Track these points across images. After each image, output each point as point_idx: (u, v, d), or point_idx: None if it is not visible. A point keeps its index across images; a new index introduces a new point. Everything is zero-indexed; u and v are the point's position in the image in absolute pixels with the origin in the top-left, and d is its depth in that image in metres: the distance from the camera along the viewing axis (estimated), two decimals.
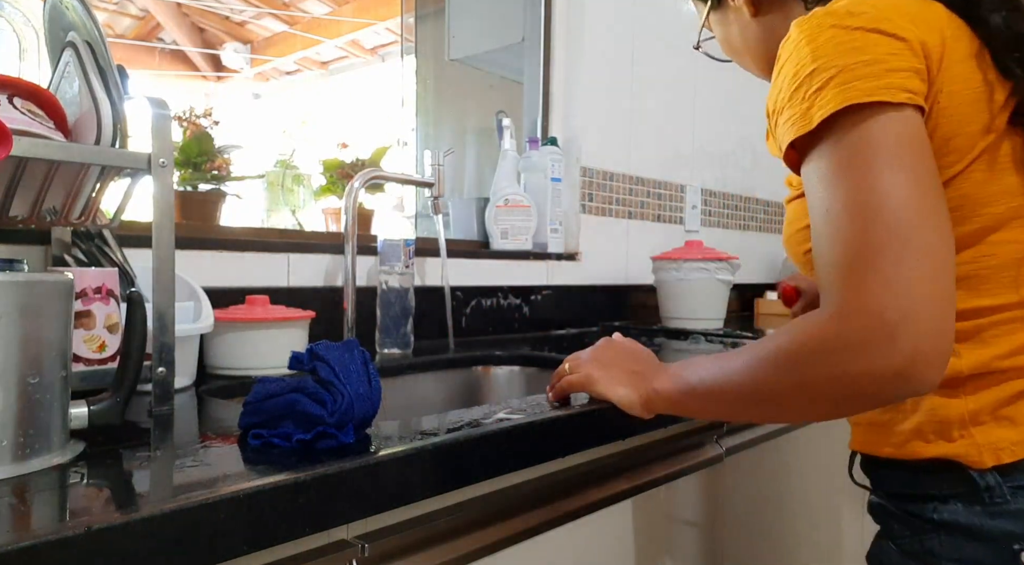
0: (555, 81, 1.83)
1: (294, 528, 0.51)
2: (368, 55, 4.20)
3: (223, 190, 1.24)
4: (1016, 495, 0.60)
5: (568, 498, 0.78)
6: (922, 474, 0.65)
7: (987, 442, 0.61)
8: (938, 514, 0.64)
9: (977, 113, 0.60)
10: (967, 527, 0.62)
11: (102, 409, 0.60)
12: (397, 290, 1.21)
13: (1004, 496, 0.60)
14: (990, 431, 0.62)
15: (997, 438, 0.61)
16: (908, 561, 0.66)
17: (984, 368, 0.62)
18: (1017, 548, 0.59)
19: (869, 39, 0.57)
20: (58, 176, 0.69)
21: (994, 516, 0.61)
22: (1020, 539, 0.59)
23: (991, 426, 0.62)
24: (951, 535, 0.63)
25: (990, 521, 0.61)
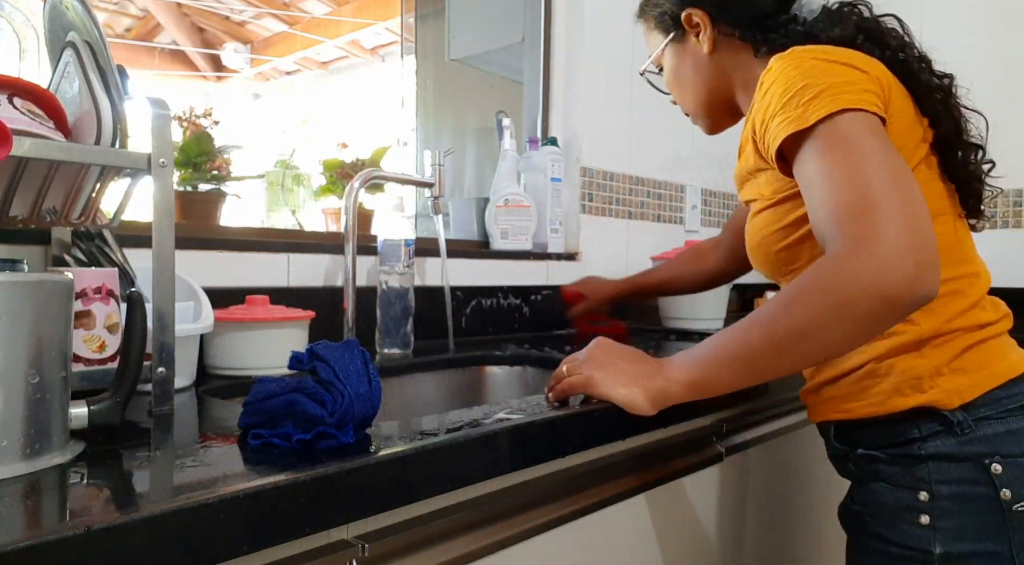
0: (555, 81, 1.84)
1: (294, 528, 0.51)
2: (368, 55, 4.19)
3: (223, 190, 1.24)
4: (979, 425, 0.77)
5: (568, 498, 0.78)
6: (901, 423, 0.81)
7: (951, 388, 0.78)
8: (923, 449, 0.79)
9: (912, 135, 0.79)
10: (949, 454, 0.78)
11: (102, 409, 0.60)
12: (397, 290, 1.21)
13: (970, 427, 0.78)
14: (951, 380, 0.79)
15: (957, 384, 0.78)
16: (901, 491, 0.80)
17: (936, 331, 0.79)
18: (987, 462, 0.76)
19: (843, 69, 0.75)
20: (58, 176, 0.69)
21: (965, 443, 0.77)
22: (989, 455, 0.76)
23: (950, 376, 0.79)
24: (937, 463, 0.78)
25: (965, 447, 0.77)
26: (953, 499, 0.77)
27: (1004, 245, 2.12)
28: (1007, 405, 0.78)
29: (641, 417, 0.76)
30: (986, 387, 0.78)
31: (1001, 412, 0.78)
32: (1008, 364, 0.80)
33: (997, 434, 0.77)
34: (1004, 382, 0.79)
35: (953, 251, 0.81)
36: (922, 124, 0.81)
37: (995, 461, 0.76)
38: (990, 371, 0.79)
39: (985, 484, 0.76)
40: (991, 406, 0.78)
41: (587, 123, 1.82)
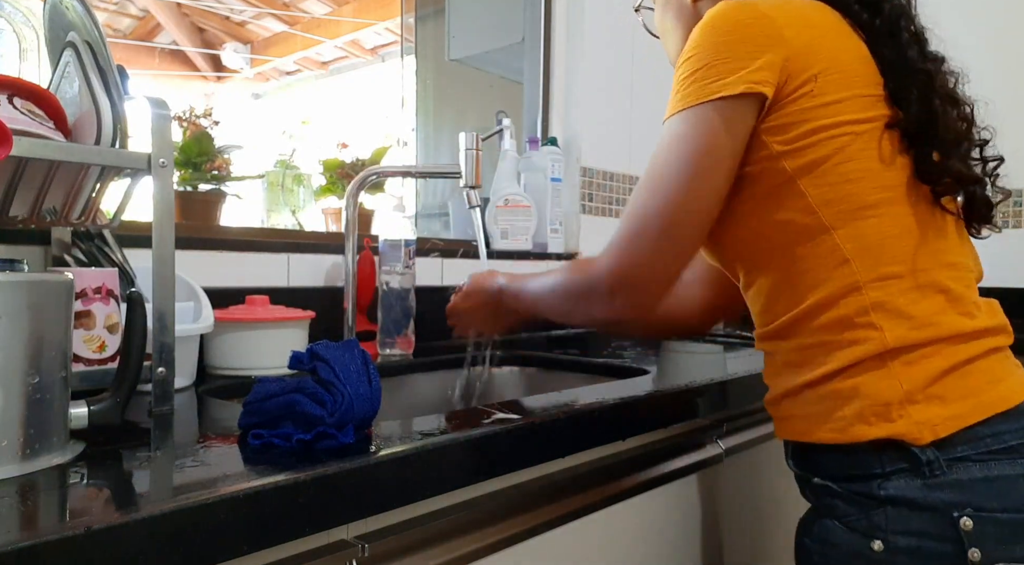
0: (555, 81, 1.83)
1: (294, 528, 0.51)
2: (368, 55, 4.19)
3: (223, 190, 1.24)
4: (952, 467, 0.65)
5: (568, 498, 0.78)
6: (864, 454, 0.69)
7: (924, 419, 0.66)
8: (883, 490, 0.68)
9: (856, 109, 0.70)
10: (911, 500, 0.66)
11: (102, 409, 0.60)
12: (398, 291, 1.20)
13: (942, 468, 0.66)
14: (925, 409, 0.66)
15: (932, 415, 0.66)
16: (854, 536, 0.69)
17: (904, 341, 0.68)
18: (956, 515, 0.64)
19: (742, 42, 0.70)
20: (58, 176, 0.69)
21: (933, 488, 0.66)
22: (959, 507, 0.64)
23: (924, 405, 0.67)
24: (896, 508, 0.67)
25: (931, 493, 0.66)
26: (911, 554, 0.66)
27: (1004, 245, 2.12)
28: (990, 446, 0.66)
29: (641, 417, 0.76)
30: (968, 420, 0.66)
31: (982, 453, 0.66)
32: (1000, 393, 0.68)
33: (973, 480, 0.65)
34: (990, 416, 0.66)
35: (918, 240, 0.70)
36: (884, 99, 0.72)
37: (966, 514, 0.64)
38: (975, 401, 0.67)
39: (951, 541, 0.64)
40: (971, 445, 0.66)
41: (587, 123, 1.82)
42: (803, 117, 0.69)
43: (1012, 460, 0.66)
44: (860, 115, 0.70)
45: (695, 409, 0.97)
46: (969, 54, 0.81)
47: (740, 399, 1.06)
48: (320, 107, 4.24)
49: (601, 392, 0.86)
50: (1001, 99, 0.82)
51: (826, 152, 0.69)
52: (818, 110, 0.69)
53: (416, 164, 1.88)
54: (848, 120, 0.69)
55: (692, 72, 0.71)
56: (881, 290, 0.69)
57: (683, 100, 0.72)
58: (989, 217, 0.79)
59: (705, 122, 0.70)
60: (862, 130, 0.70)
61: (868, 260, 0.69)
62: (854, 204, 0.69)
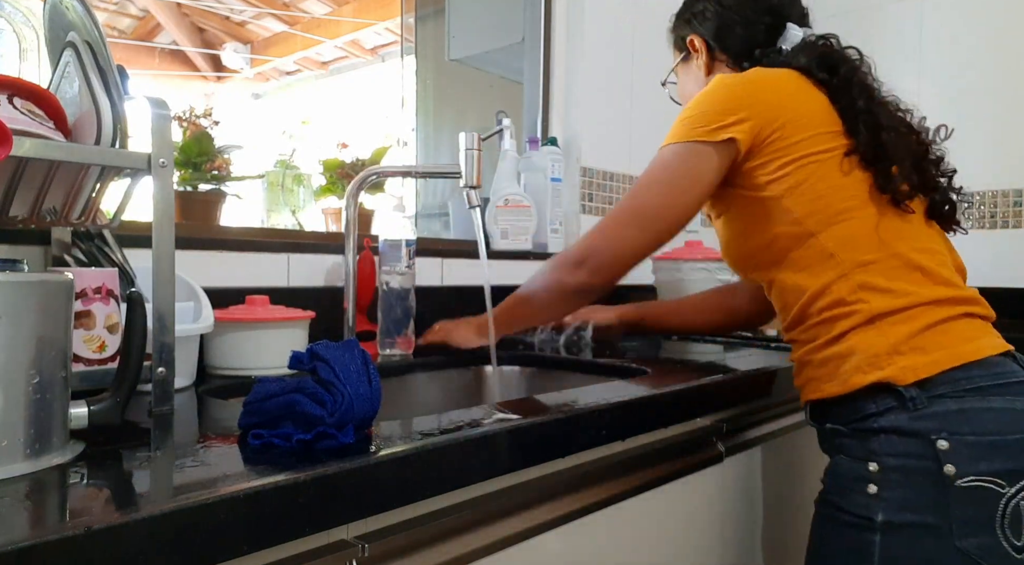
0: (555, 81, 1.83)
1: (294, 528, 0.51)
2: (368, 55, 4.19)
3: (223, 190, 1.24)
4: (932, 402, 0.82)
5: (568, 498, 0.78)
6: (861, 400, 0.87)
7: (908, 365, 0.84)
8: (877, 423, 0.85)
9: (820, 142, 0.92)
10: (898, 428, 0.83)
11: (102, 409, 0.60)
12: (398, 291, 1.20)
13: (924, 403, 0.83)
14: (908, 358, 0.84)
15: (914, 362, 0.84)
16: (855, 463, 0.87)
17: (890, 306, 0.87)
18: (934, 438, 0.81)
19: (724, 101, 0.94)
20: (58, 176, 0.69)
21: (916, 419, 0.83)
22: (936, 432, 0.81)
23: (908, 355, 0.85)
24: (887, 435, 0.84)
25: (915, 423, 0.83)
26: (899, 471, 0.83)
27: (1004, 245, 2.12)
28: (964, 386, 0.82)
29: (641, 417, 0.76)
30: (945, 365, 0.83)
31: (957, 391, 0.82)
32: (973, 347, 0.85)
33: (948, 411, 0.81)
34: (964, 363, 0.83)
35: (887, 233, 0.90)
36: (842, 135, 0.93)
37: (941, 437, 0.80)
38: (951, 351, 0.84)
39: (931, 459, 0.81)
40: (948, 385, 0.82)
41: (587, 123, 1.82)
42: (778, 154, 0.92)
43: (981, 397, 0.82)
44: (822, 147, 0.92)
45: (695, 409, 0.97)
46: (969, 57, 0.89)
47: (740, 399, 1.06)
48: (320, 107, 4.24)
49: (601, 392, 0.86)
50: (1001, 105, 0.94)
51: (801, 177, 0.91)
52: (789, 148, 0.92)
53: (416, 164, 1.88)
54: (813, 152, 0.92)
55: (689, 117, 0.96)
56: (863, 274, 0.88)
57: (673, 137, 0.97)
58: (951, 218, 0.97)
59: (691, 155, 0.95)
60: (825, 157, 0.92)
61: (848, 252, 0.89)
62: (829, 212, 0.90)
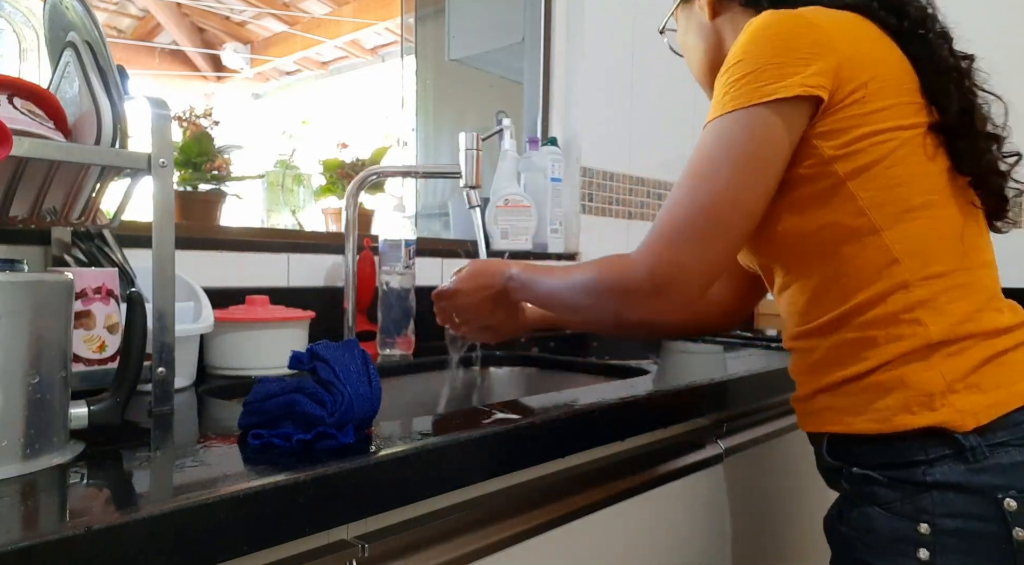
0: (555, 81, 1.83)
1: (294, 528, 0.51)
2: (368, 55, 4.19)
3: (223, 190, 1.24)
4: (994, 452, 0.69)
5: (568, 498, 0.78)
6: (906, 443, 0.72)
7: (965, 407, 0.70)
8: (929, 476, 0.70)
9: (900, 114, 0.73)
10: (956, 484, 0.69)
11: (102, 409, 0.60)
12: (398, 291, 1.20)
13: (984, 454, 0.69)
14: (965, 398, 0.70)
15: (972, 403, 0.70)
16: (899, 520, 0.72)
17: (947, 336, 0.71)
18: (1000, 497, 0.68)
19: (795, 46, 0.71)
20: (58, 176, 0.69)
21: (978, 472, 0.69)
22: (1003, 489, 0.68)
23: (964, 394, 0.70)
24: (942, 492, 0.70)
25: (975, 477, 0.69)
26: (958, 535, 0.69)
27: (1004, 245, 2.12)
28: None
29: (641, 417, 0.76)
30: (1006, 408, 0.70)
31: (1020, 438, 0.69)
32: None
33: (1015, 463, 0.69)
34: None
35: (960, 240, 0.74)
36: (924, 106, 0.74)
37: (1009, 496, 0.67)
38: (1011, 390, 0.71)
39: (996, 521, 0.68)
40: (1010, 430, 0.69)
41: (587, 123, 1.82)
42: (854, 123, 0.72)
43: None
44: (906, 121, 0.73)
45: (695, 409, 0.97)
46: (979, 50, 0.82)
47: (740, 399, 1.06)
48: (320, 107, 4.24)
49: (601, 392, 0.86)
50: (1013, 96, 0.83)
51: (876, 156, 0.72)
52: (868, 116, 0.72)
53: (416, 164, 1.88)
54: (895, 126, 0.72)
55: (743, 75, 0.72)
56: (926, 288, 0.72)
57: (734, 100, 0.72)
58: (1005, 211, 0.81)
59: (759, 123, 0.71)
60: (908, 135, 0.73)
61: (917, 260, 0.73)
62: (902, 207, 0.73)
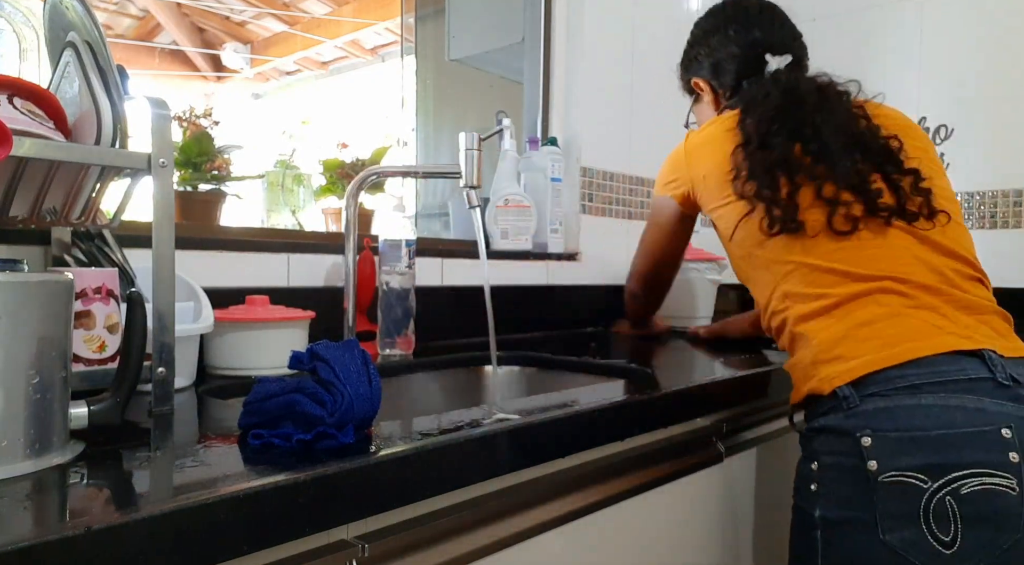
0: (555, 81, 1.83)
1: (294, 528, 0.51)
2: (368, 55, 4.20)
3: (223, 190, 1.24)
4: (864, 401, 0.86)
5: (568, 498, 0.78)
6: (808, 404, 0.94)
7: (826, 375, 0.90)
8: (816, 423, 0.91)
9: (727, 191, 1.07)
10: (832, 427, 0.88)
11: (102, 409, 0.60)
12: (398, 291, 1.20)
13: (855, 402, 0.86)
14: (828, 367, 0.90)
15: (831, 371, 0.89)
16: (804, 463, 0.93)
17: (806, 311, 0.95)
18: (858, 435, 0.84)
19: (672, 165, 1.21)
20: (58, 176, 0.69)
21: (848, 417, 0.86)
22: (861, 429, 0.85)
23: (829, 364, 0.90)
24: (824, 435, 0.89)
25: (845, 421, 0.87)
26: (832, 469, 0.87)
27: (1004, 245, 2.12)
28: (897, 384, 0.85)
29: (641, 417, 0.76)
30: (864, 371, 0.86)
31: (888, 390, 0.85)
32: (908, 347, 0.87)
33: (876, 409, 0.85)
34: (899, 362, 0.86)
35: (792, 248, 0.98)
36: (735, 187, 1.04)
37: (865, 434, 0.84)
38: (875, 356, 0.87)
39: (856, 456, 0.84)
40: (881, 384, 0.86)
41: (587, 123, 1.82)
42: (704, 206, 1.13)
43: (912, 394, 0.84)
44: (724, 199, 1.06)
45: (695, 409, 0.97)
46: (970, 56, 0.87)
47: (740, 399, 1.06)
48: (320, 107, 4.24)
49: (601, 392, 0.86)
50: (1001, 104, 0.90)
51: (719, 222, 1.09)
52: (706, 202, 1.11)
53: (416, 164, 1.88)
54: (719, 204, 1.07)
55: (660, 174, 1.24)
56: (786, 282, 0.98)
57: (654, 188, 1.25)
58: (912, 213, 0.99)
59: (658, 204, 1.26)
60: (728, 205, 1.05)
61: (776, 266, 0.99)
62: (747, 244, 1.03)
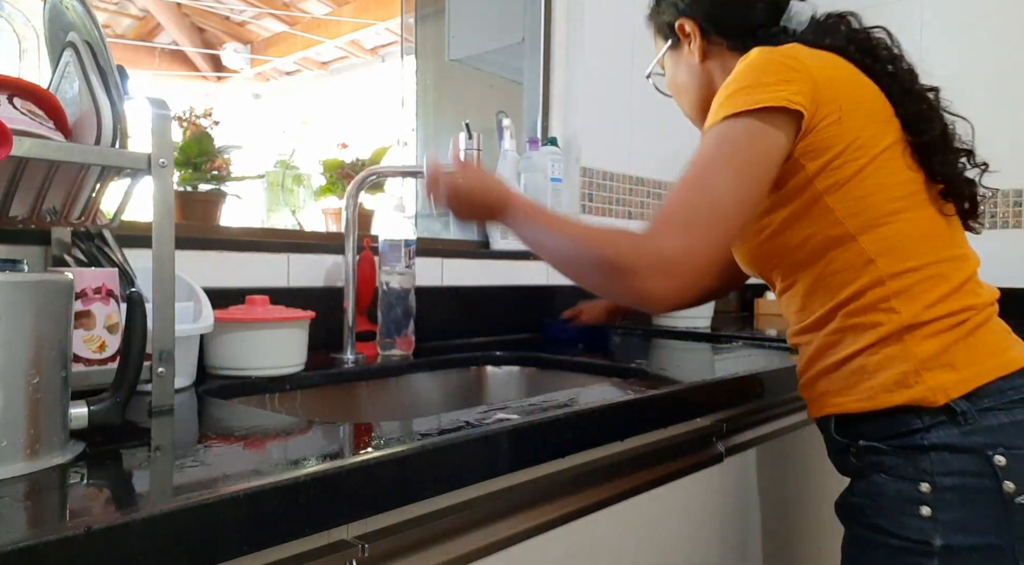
0: (555, 81, 1.83)
1: (294, 528, 0.51)
2: (368, 55, 4.20)
3: (223, 190, 1.24)
4: (983, 415, 0.78)
5: (568, 498, 0.78)
6: (904, 415, 0.81)
7: (936, 384, 0.79)
8: (927, 440, 0.79)
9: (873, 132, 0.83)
10: (951, 445, 0.78)
11: (102, 409, 0.60)
12: (398, 291, 1.20)
13: (974, 417, 0.78)
14: (937, 375, 0.79)
15: (943, 380, 0.79)
16: (903, 483, 0.80)
17: (917, 318, 0.81)
18: (990, 454, 0.76)
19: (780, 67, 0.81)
20: (58, 176, 0.69)
21: (968, 434, 0.78)
22: (992, 447, 0.77)
23: (937, 372, 0.80)
24: (939, 454, 0.79)
25: (967, 438, 0.78)
26: (955, 491, 0.78)
27: (1004, 245, 2.12)
28: (1011, 396, 0.78)
29: (641, 417, 0.76)
30: (976, 383, 0.79)
31: (1005, 403, 0.78)
32: (1007, 359, 0.81)
33: (1001, 425, 0.77)
34: (1007, 374, 0.79)
35: (930, 239, 0.84)
36: (890, 128, 0.84)
37: (998, 452, 0.76)
38: (982, 367, 0.80)
39: (988, 476, 0.76)
40: (994, 397, 0.78)
41: (587, 123, 1.82)
42: (830, 142, 0.81)
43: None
44: (874, 140, 0.83)
45: (695, 409, 0.97)
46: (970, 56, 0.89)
47: (740, 399, 1.06)
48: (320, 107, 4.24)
49: (601, 392, 0.86)
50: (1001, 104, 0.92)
51: (849, 172, 0.82)
52: (841, 136, 0.81)
53: (416, 164, 1.88)
54: (865, 144, 0.82)
55: (736, 90, 0.81)
56: (899, 281, 0.82)
57: (731, 108, 0.80)
58: (976, 213, 0.90)
59: (752, 126, 0.79)
60: (876, 152, 0.82)
61: (889, 258, 0.82)
62: (873, 214, 0.82)
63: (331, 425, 0.69)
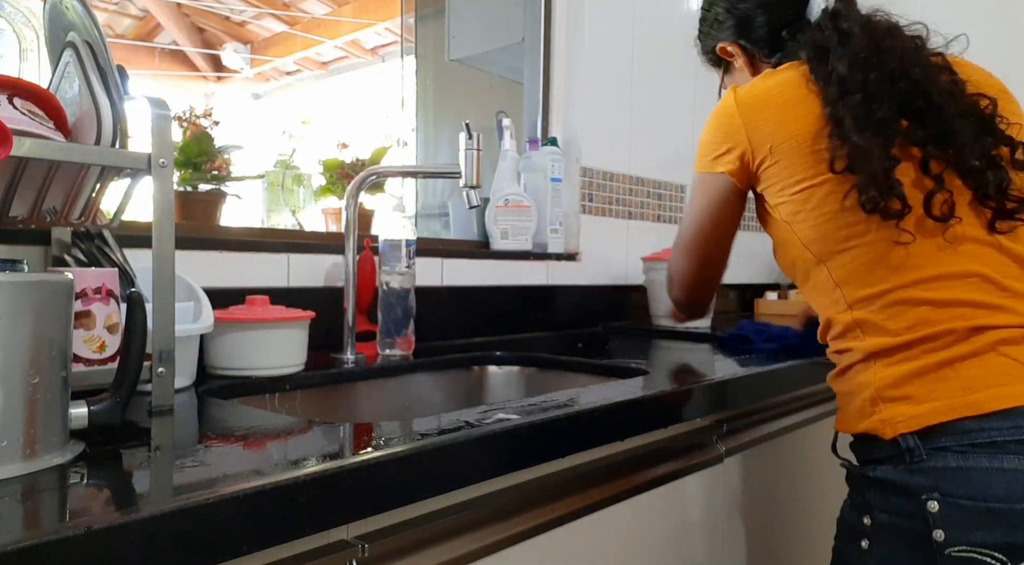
0: (555, 81, 1.83)
1: (294, 528, 0.51)
2: (368, 55, 4.20)
3: (223, 190, 1.24)
4: (932, 455, 0.73)
5: (568, 498, 0.78)
6: (870, 442, 0.80)
7: (888, 416, 0.76)
8: (873, 473, 0.78)
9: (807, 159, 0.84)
10: (891, 482, 0.76)
11: (102, 409, 0.60)
12: (398, 291, 1.20)
13: (922, 456, 0.74)
14: (892, 407, 0.77)
15: (895, 413, 0.76)
16: (854, 511, 0.81)
17: (879, 345, 0.79)
18: (924, 498, 0.72)
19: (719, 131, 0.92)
20: (58, 176, 0.69)
21: (913, 473, 0.74)
22: (928, 490, 0.72)
23: (893, 404, 0.77)
24: (881, 489, 0.77)
25: (909, 477, 0.74)
26: (888, 529, 0.76)
27: None
28: (974, 439, 0.71)
29: (641, 417, 0.77)
30: (934, 420, 0.73)
31: (964, 446, 0.71)
32: (988, 396, 0.72)
33: (947, 468, 0.71)
34: (981, 414, 0.71)
35: (890, 263, 0.79)
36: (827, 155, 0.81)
37: (933, 498, 0.71)
38: (948, 403, 0.73)
39: (919, 520, 0.72)
40: (956, 437, 0.72)
41: (587, 123, 1.82)
42: (774, 179, 0.87)
43: (992, 455, 0.70)
44: (814, 169, 0.83)
45: (695, 409, 0.97)
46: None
47: (740, 399, 1.06)
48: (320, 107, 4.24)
49: (601, 392, 0.86)
50: None
51: (798, 204, 0.85)
52: (781, 173, 0.86)
53: (416, 164, 1.88)
54: (806, 176, 0.84)
55: (699, 144, 0.96)
56: (861, 308, 0.81)
57: (695, 164, 0.97)
58: (1011, 209, 0.81)
59: (702, 183, 0.96)
60: (817, 183, 0.83)
61: (851, 286, 0.82)
62: (830, 241, 0.83)
63: (331, 425, 0.69)
